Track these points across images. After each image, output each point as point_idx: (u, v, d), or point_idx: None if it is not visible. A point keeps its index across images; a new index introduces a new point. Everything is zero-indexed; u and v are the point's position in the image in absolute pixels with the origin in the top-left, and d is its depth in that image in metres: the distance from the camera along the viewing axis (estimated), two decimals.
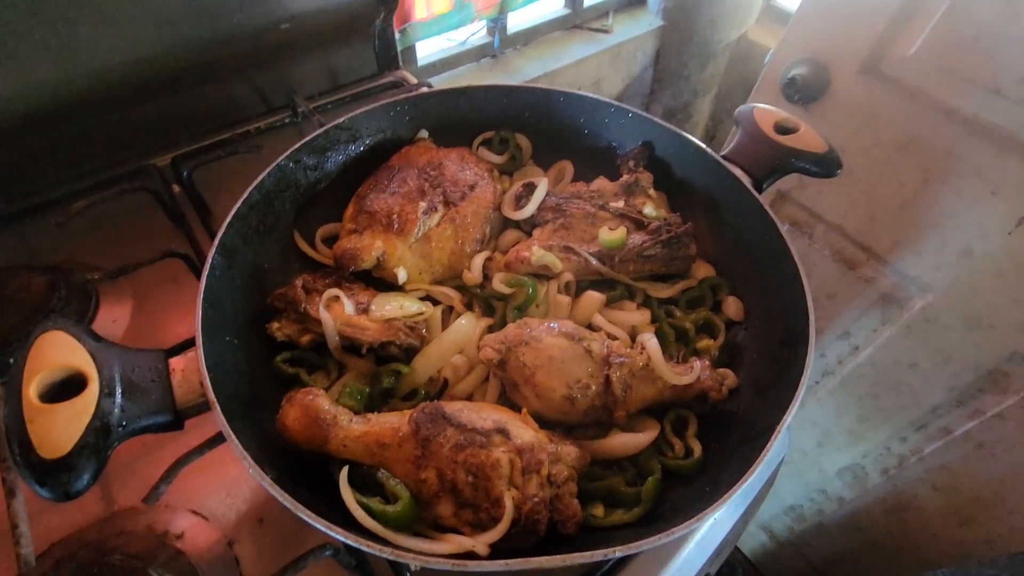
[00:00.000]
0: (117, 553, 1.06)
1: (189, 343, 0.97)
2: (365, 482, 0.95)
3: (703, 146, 1.37)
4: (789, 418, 0.94)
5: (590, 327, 1.20)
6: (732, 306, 1.28)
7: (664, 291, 1.29)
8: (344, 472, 0.91)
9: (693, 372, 1.08)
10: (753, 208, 1.26)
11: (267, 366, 1.13)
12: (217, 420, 0.88)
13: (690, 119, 4.13)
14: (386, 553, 0.77)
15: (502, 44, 3.10)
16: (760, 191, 1.32)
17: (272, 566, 1.04)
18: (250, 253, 1.21)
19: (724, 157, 1.36)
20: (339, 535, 0.78)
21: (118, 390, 0.86)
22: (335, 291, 1.15)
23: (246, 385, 1.05)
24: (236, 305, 1.12)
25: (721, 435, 1.08)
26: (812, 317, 1.04)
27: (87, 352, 0.87)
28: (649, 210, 1.34)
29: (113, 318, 1.48)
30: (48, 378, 0.84)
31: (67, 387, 0.85)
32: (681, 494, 1.00)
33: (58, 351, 0.86)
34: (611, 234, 1.27)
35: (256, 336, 1.15)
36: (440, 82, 2.96)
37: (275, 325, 1.15)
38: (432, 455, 0.92)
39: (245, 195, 1.21)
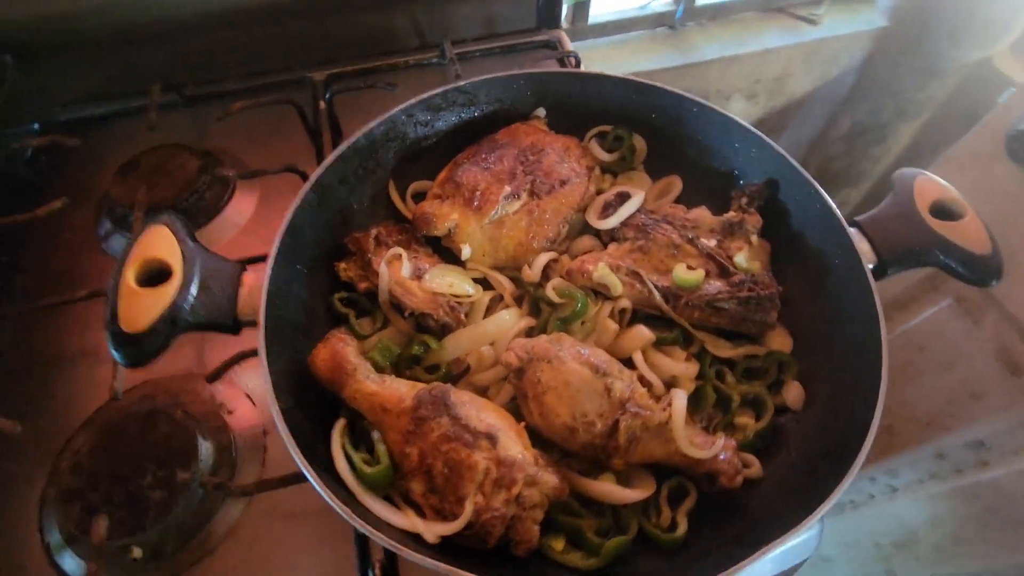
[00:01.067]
0: (180, 408, 1.29)
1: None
2: (363, 438, 1.04)
3: (832, 205, 1.19)
4: (788, 540, 0.85)
5: (629, 363, 1.15)
6: (793, 392, 1.15)
7: (725, 350, 1.19)
8: (342, 421, 1.00)
9: (711, 449, 1.01)
10: (863, 295, 1.09)
11: (325, 300, 1.25)
12: (258, 339, 1.00)
13: (882, 142, 3.53)
14: (338, 507, 0.85)
15: (685, 15, 2.85)
16: (881, 277, 1.13)
17: (284, 469, 1.20)
18: (343, 193, 1.31)
19: (854, 223, 1.17)
20: (310, 477, 0.87)
21: (193, 289, 1.02)
22: (399, 251, 1.22)
23: (301, 312, 1.17)
24: (315, 238, 1.23)
25: (718, 521, 1.01)
26: (865, 449, 0.90)
27: (180, 251, 1.03)
28: (741, 259, 1.21)
29: (240, 210, 1.71)
30: (146, 265, 1.01)
31: (158, 276, 1.02)
32: (650, 565, 0.96)
33: (159, 244, 1.03)
34: (687, 273, 1.18)
35: (324, 270, 1.26)
36: (607, 45, 2.82)
37: (342, 265, 1.26)
38: (421, 435, 0.98)
39: (352, 139, 1.29)
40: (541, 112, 1.48)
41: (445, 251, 1.31)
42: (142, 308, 0.96)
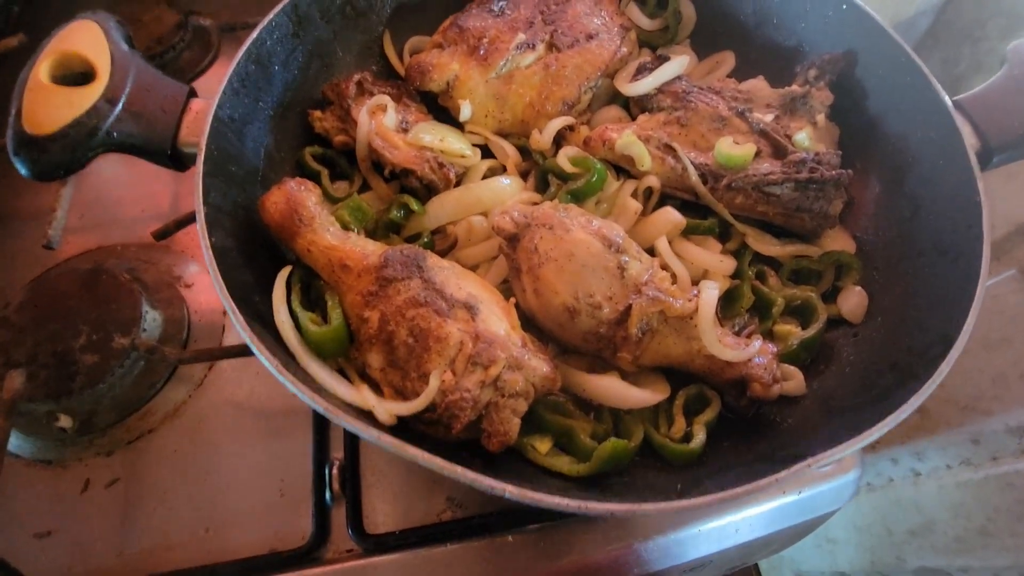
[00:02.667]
0: (129, 272, 1.13)
1: None
2: (316, 302, 0.86)
3: (931, 79, 0.94)
4: (839, 455, 0.65)
5: (651, 252, 0.94)
6: (852, 300, 0.92)
7: (771, 246, 0.97)
8: (288, 268, 0.82)
9: (745, 351, 0.80)
10: (961, 184, 0.85)
11: (295, 153, 1.05)
12: (197, 167, 0.82)
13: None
14: (265, 358, 0.67)
15: None
16: (986, 165, 0.89)
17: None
18: (326, 32, 1.09)
19: (957, 103, 0.92)
20: (234, 316, 0.69)
21: (122, 100, 0.83)
22: (384, 98, 1.01)
23: (260, 157, 0.98)
24: (287, 77, 1.03)
25: (740, 438, 0.81)
26: (955, 350, 0.69)
27: (108, 52, 0.84)
28: (802, 137, 0.97)
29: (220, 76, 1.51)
30: (65, 62, 0.82)
31: (81, 79, 0.83)
32: (649, 479, 0.77)
33: (84, 40, 0.84)
34: (734, 148, 0.95)
35: (296, 119, 1.06)
36: None
37: (317, 114, 1.06)
38: (384, 298, 0.79)
39: None
40: None
41: (443, 113, 1.10)
42: (53, 107, 0.77)
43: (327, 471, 0.97)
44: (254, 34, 0.95)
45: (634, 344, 0.82)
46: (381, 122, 0.99)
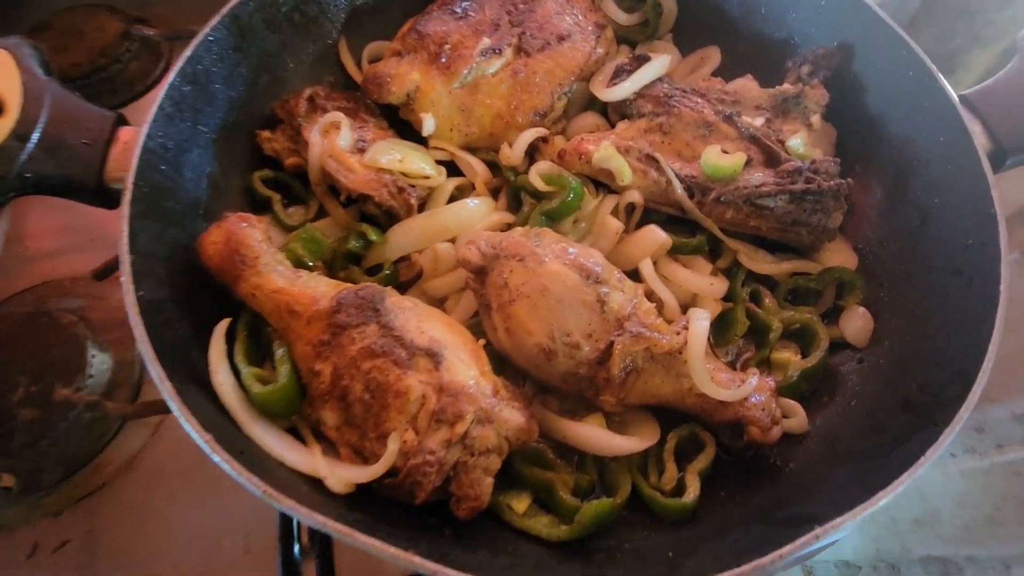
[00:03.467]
0: (72, 313, 1.04)
1: None
2: (265, 352, 0.77)
3: (936, 74, 0.86)
4: (849, 520, 0.57)
5: (635, 276, 0.85)
6: (857, 322, 0.85)
7: (765, 264, 0.89)
8: (226, 322, 0.74)
9: (741, 389, 0.72)
10: (973, 189, 0.78)
11: (243, 178, 0.96)
12: (122, 208, 0.73)
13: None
14: (208, 447, 0.59)
15: None
16: (999, 167, 0.81)
17: None
18: (272, 42, 1.00)
19: (964, 98, 0.84)
20: (172, 401, 0.61)
21: (35, 135, 0.74)
22: (337, 116, 0.92)
23: (204, 187, 0.89)
24: (230, 96, 0.94)
25: (738, 487, 0.74)
26: (975, 390, 0.61)
27: (20, 82, 0.75)
28: (796, 143, 0.89)
29: None
30: None
31: None
32: (637, 542, 0.70)
33: None
34: (721, 157, 0.87)
35: (244, 141, 0.97)
36: None
37: (265, 134, 0.96)
38: (337, 348, 0.70)
39: None
40: None
41: (405, 127, 1.01)
42: None
43: (294, 523, 0.89)
44: (188, 52, 0.86)
45: (618, 386, 0.74)
46: (335, 142, 0.90)
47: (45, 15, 1.39)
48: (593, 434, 0.74)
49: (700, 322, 0.75)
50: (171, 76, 0.83)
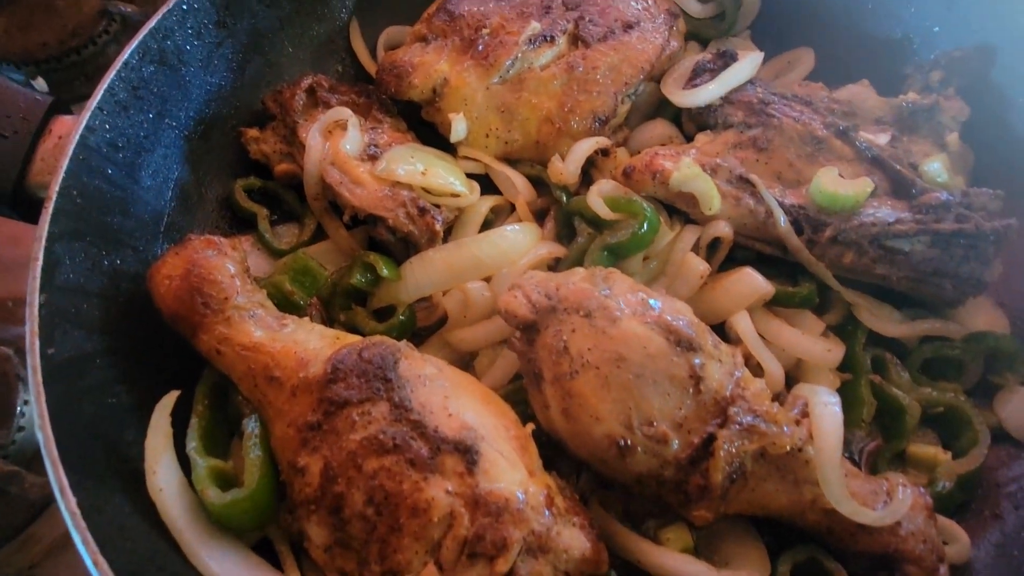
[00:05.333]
0: (11, 345, 0.84)
1: None
2: (234, 424, 0.57)
3: None
4: None
5: (722, 331, 0.65)
6: (1019, 406, 0.64)
7: (892, 324, 0.69)
8: (173, 395, 0.53)
9: (890, 508, 0.52)
10: None
11: (222, 187, 0.76)
12: (39, 227, 0.53)
13: None
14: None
15: None
16: None
17: None
18: (268, 19, 0.80)
19: None
20: (56, 483, 0.40)
21: None
22: (345, 112, 0.72)
23: (167, 196, 0.69)
24: (209, 83, 0.75)
25: None
26: None
27: None
28: (935, 168, 0.69)
29: None
30: None
31: None
32: None
33: None
34: (840, 184, 0.67)
35: (224, 140, 0.77)
36: None
37: (253, 132, 0.77)
38: (332, 435, 0.50)
39: None
40: None
41: (428, 130, 0.81)
42: None
43: None
44: (151, 22, 0.66)
45: (718, 495, 0.53)
46: (339, 146, 0.70)
47: None
48: (681, 568, 0.53)
49: (830, 408, 0.55)
50: (127, 52, 0.63)
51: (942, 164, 0.69)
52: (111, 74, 0.62)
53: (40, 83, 1.12)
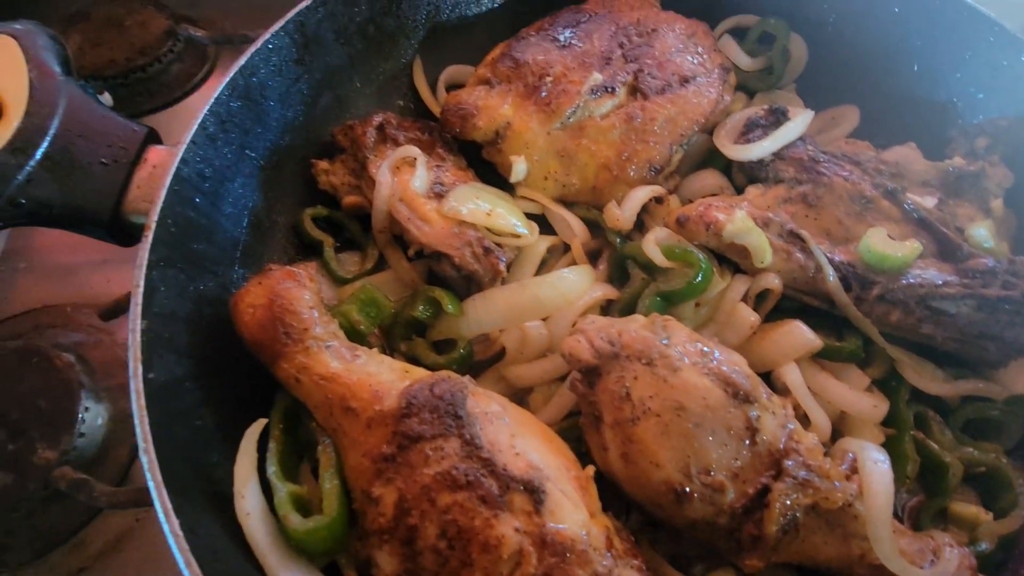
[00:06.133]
0: (67, 351, 0.87)
1: None
2: (304, 448, 0.59)
3: None
4: None
5: (768, 380, 0.67)
6: None
7: (935, 382, 0.70)
8: (260, 424, 0.56)
9: (937, 568, 0.53)
10: None
11: (292, 215, 0.80)
12: (140, 256, 0.56)
13: None
14: None
15: None
16: None
17: None
18: (341, 57, 0.85)
19: None
20: (163, 513, 0.43)
21: (40, 150, 0.58)
22: (413, 151, 0.76)
23: (244, 223, 0.73)
24: (285, 116, 0.79)
25: None
26: None
27: (27, 79, 0.59)
28: (982, 234, 0.72)
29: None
30: None
31: None
32: None
33: None
34: (890, 244, 0.69)
35: (295, 171, 0.81)
36: None
37: (323, 164, 0.80)
38: (406, 468, 0.53)
39: None
40: None
41: (487, 168, 0.84)
42: None
43: None
44: (242, 60, 0.70)
45: (769, 545, 0.55)
46: (407, 184, 0.73)
47: (86, 3, 1.26)
48: None
49: (880, 466, 0.57)
50: (220, 88, 0.67)
51: (988, 230, 0.72)
52: (205, 108, 0.65)
53: (106, 97, 1.17)
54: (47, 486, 0.77)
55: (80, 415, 0.82)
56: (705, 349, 0.60)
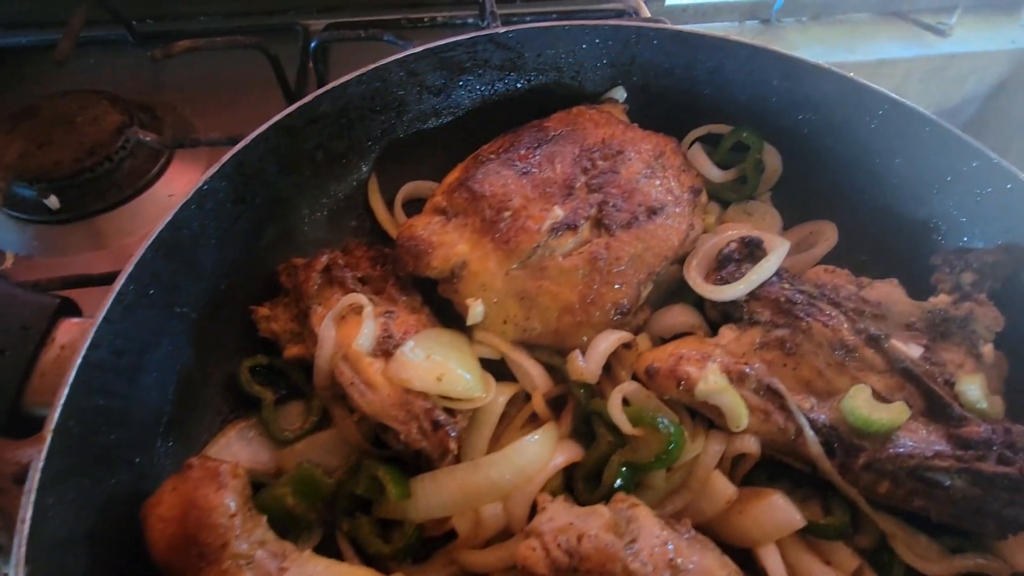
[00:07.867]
0: None
1: None
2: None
3: None
4: None
5: (742, 559, 0.61)
6: None
7: (929, 560, 0.64)
8: None
9: None
10: None
11: (226, 365, 0.73)
12: (31, 472, 0.49)
13: None
14: None
15: (784, 9, 2.28)
16: None
17: None
18: (287, 187, 0.80)
19: None
20: None
21: None
22: (361, 300, 0.70)
23: (169, 390, 0.66)
24: (222, 260, 0.73)
25: None
26: None
27: None
28: (974, 393, 0.66)
29: (170, 192, 1.20)
30: None
31: None
32: None
33: None
34: (875, 408, 0.64)
35: (232, 318, 0.75)
36: None
37: (263, 310, 0.74)
38: None
39: (309, 98, 0.78)
40: (620, 94, 0.95)
41: (440, 302, 0.78)
42: None
43: None
44: (168, 216, 0.64)
45: None
46: (351, 340, 0.67)
47: (36, 98, 1.21)
48: None
49: None
50: (138, 253, 0.61)
51: (980, 388, 0.66)
52: (119, 283, 0.59)
53: (52, 200, 1.12)
54: None
55: None
56: (677, 561, 0.53)
